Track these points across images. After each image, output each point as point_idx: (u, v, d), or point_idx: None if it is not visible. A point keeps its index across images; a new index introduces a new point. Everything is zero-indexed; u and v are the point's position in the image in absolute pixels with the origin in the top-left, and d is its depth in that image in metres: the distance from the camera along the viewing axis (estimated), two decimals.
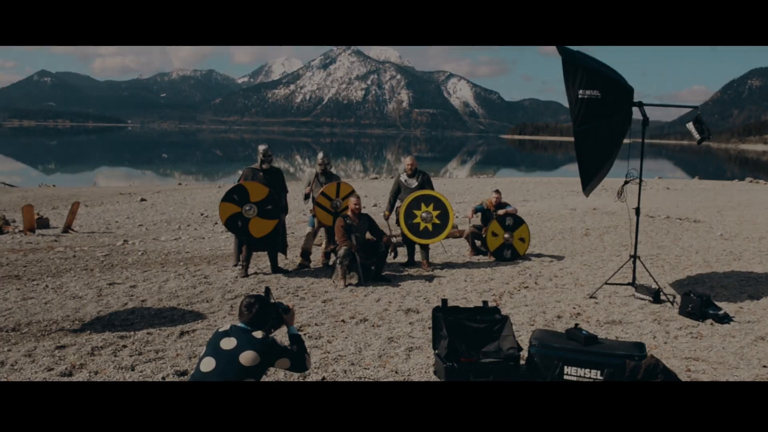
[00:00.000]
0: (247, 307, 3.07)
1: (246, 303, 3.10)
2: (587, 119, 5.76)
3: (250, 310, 3.06)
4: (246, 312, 3.06)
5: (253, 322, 3.04)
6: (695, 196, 20.97)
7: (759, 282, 7.36)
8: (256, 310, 3.06)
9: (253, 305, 3.07)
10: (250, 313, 3.05)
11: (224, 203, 7.21)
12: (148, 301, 6.31)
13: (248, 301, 3.10)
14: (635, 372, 3.73)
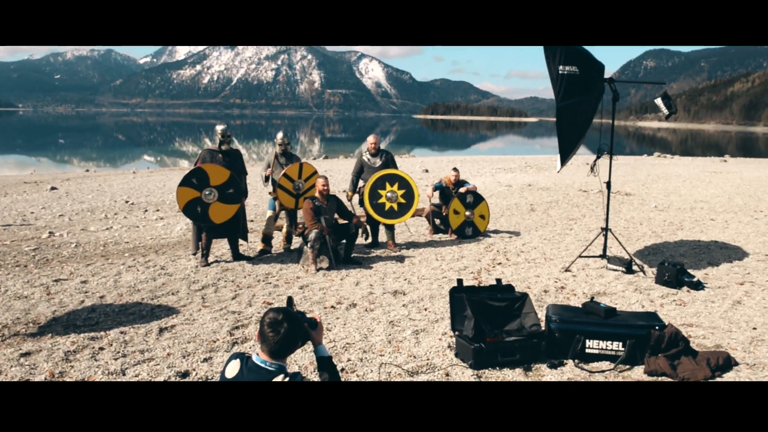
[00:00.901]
0: (273, 326, 2.28)
1: (270, 320, 2.29)
2: (568, 95, 5.80)
3: (277, 331, 2.27)
4: (271, 334, 2.27)
5: (279, 350, 2.29)
6: (616, 171, 21.96)
7: (710, 249, 7.78)
8: (284, 332, 2.27)
9: (280, 324, 2.28)
10: (276, 336, 2.26)
11: (182, 188, 6.69)
12: (107, 297, 5.76)
13: (273, 317, 2.30)
14: (660, 341, 3.78)
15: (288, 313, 2.33)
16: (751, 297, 5.59)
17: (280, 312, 2.32)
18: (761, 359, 4.10)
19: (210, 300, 5.66)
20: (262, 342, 2.31)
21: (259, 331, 2.33)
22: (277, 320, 2.29)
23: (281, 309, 2.35)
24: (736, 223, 9.84)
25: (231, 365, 2.36)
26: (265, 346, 2.30)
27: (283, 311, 2.33)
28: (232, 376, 2.31)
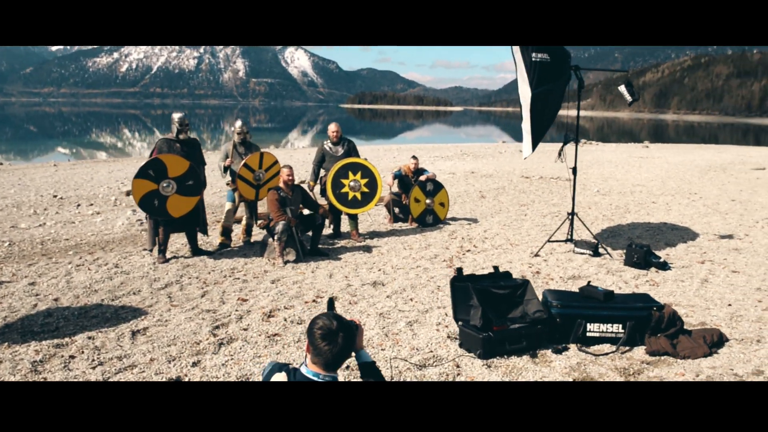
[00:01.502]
0: (327, 337, 2.03)
1: (324, 332, 2.04)
2: (541, 81, 5.85)
3: (333, 342, 2.03)
4: (327, 347, 2.03)
5: (334, 362, 2.07)
6: (546, 158, 22.69)
7: (663, 231, 8.11)
8: (342, 342, 2.05)
9: (335, 334, 2.04)
10: (333, 347, 2.03)
11: (138, 180, 6.24)
12: (62, 299, 5.29)
13: (325, 326, 2.05)
14: (660, 321, 3.85)
15: (340, 320, 2.10)
16: (715, 275, 5.85)
17: (332, 320, 2.08)
18: (747, 334, 4.27)
19: (177, 299, 5.32)
20: (315, 355, 2.07)
21: (309, 342, 2.09)
22: (332, 330, 2.05)
23: (332, 316, 2.11)
24: (676, 206, 10.32)
25: (276, 379, 2.14)
26: (318, 359, 2.07)
27: (335, 319, 2.09)
28: None
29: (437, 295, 5.26)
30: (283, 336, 4.28)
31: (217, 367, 3.73)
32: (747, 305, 4.92)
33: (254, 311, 4.87)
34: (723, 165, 17.88)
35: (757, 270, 6.03)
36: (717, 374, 3.62)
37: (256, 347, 4.06)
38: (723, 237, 7.63)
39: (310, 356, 2.11)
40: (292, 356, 3.90)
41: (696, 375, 3.61)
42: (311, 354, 2.10)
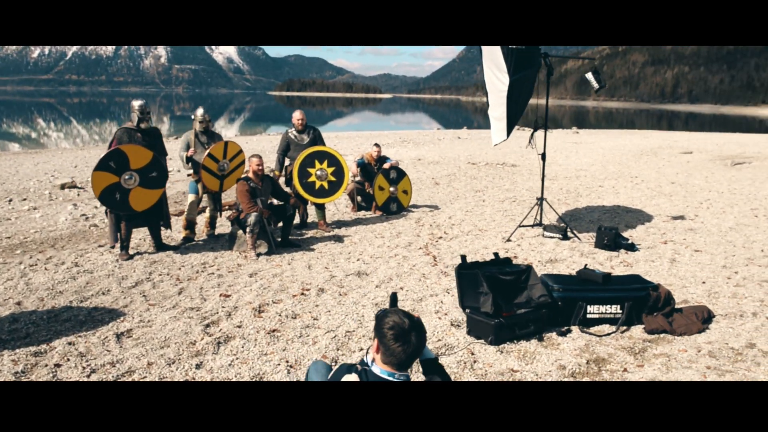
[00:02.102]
0: (400, 337, 1.93)
1: (397, 331, 1.94)
2: (518, 68, 5.90)
3: (407, 342, 1.94)
4: (400, 347, 1.94)
5: (407, 362, 1.98)
6: (485, 145, 23.19)
7: (618, 213, 8.44)
8: (416, 341, 1.97)
9: (408, 333, 1.95)
10: (407, 347, 1.94)
11: (98, 173, 5.86)
12: (24, 303, 4.90)
13: (397, 325, 1.95)
14: (657, 301, 3.99)
15: (412, 318, 2.01)
16: (681, 255, 6.14)
17: (403, 318, 1.98)
18: (728, 309, 4.52)
19: (153, 297, 5.04)
20: (387, 355, 1.99)
21: (380, 343, 2.00)
22: (404, 329, 1.96)
23: (403, 314, 2.01)
24: (623, 189, 10.78)
25: (348, 380, 2.04)
26: (391, 359, 1.98)
27: (407, 317, 2.00)
28: None
29: (425, 283, 5.24)
30: (282, 331, 4.14)
31: (225, 368, 3.55)
32: (719, 282, 5.20)
33: (241, 307, 4.69)
34: (653, 149, 18.83)
35: (717, 249, 6.39)
36: (716, 348, 3.81)
37: (258, 344, 3.90)
38: (675, 218, 8.03)
39: (380, 356, 2.02)
40: (299, 352, 3.78)
41: (697, 351, 3.78)
42: (382, 354, 2.01)
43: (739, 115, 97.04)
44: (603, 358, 3.68)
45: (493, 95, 6.58)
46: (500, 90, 6.28)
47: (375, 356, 2.05)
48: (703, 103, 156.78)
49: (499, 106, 6.40)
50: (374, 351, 2.05)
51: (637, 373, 3.48)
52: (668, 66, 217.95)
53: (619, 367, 3.56)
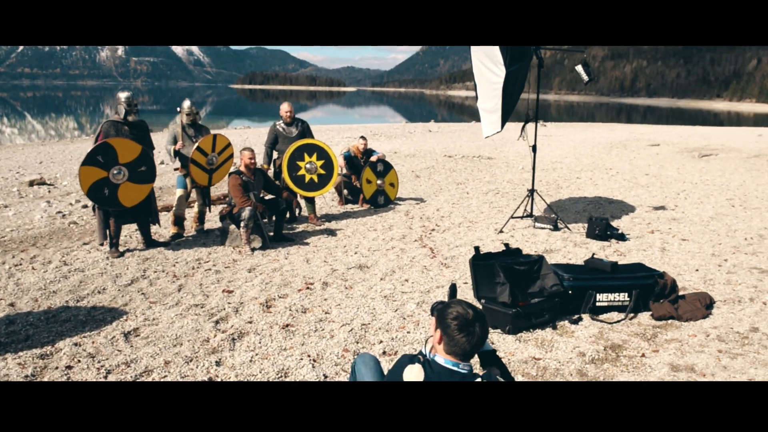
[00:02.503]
0: (464, 328, 1.95)
1: (461, 322, 1.96)
2: (513, 61, 5.96)
3: (471, 334, 1.96)
4: (464, 338, 1.96)
5: (471, 352, 2.00)
6: (457, 137, 23.36)
7: (601, 204, 8.63)
8: (479, 332, 1.98)
9: (472, 324, 1.96)
10: (471, 338, 1.96)
11: (86, 167, 5.67)
12: (18, 304, 4.73)
13: (460, 315, 1.97)
14: (664, 288, 4.10)
15: (475, 309, 2.02)
16: (669, 244, 6.32)
17: (467, 309, 2.00)
18: (726, 295, 4.68)
19: (152, 295, 4.93)
20: (451, 345, 1.99)
21: (443, 333, 2.00)
22: (468, 320, 1.97)
23: (466, 305, 2.03)
24: (600, 180, 11.01)
25: (412, 371, 2.04)
26: (455, 349, 1.99)
27: (470, 308, 2.01)
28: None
29: (429, 275, 5.27)
30: (296, 326, 4.10)
31: (246, 364, 3.50)
32: (712, 270, 5.37)
33: (247, 303, 4.63)
34: (622, 142, 19.27)
35: (703, 237, 6.59)
36: (723, 333, 3.95)
37: (275, 340, 3.86)
38: (657, 208, 8.25)
39: (443, 347, 2.03)
40: (318, 346, 3.75)
41: (706, 336, 3.91)
42: (445, 345, 2.02)
43: (695, 108, 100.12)
44: (618, 345, 3.77)
45: (484, 87, 6.63)
46: (493, 82, 6.33)
47: (437, 347, 2.05)
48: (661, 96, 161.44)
49: (492, 98, 6.46)
50: (436, 342, 2.05)
51: (654, 357, 3.58)
52: (627, 60, 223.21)
53: (636, 353, 3.65)
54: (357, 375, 2.53)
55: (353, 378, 2.56)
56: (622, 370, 3.43)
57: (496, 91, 6.23)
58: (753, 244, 6.28)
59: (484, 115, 6.78)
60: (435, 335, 2.06)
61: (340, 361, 3.52)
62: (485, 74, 6.55)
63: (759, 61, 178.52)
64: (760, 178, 11.34)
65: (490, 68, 6.30)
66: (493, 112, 6.44)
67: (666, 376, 3.33)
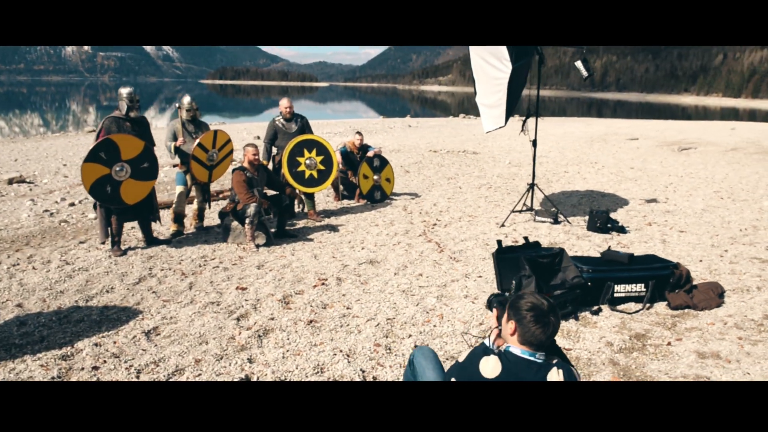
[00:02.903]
0: (540, 319, 1.99)
1: (536, 313, 1.99)
2: (519, 57, 6.02)
3: (547, 324, 1.99)
4: (539, 329, 1.99)
5: (546, 343, 2.03)
6: (438, 132, 23.46)
7: (594, 197, 8.77)
8: (554, 322, 2.02)
9: (547, 315, 1.99)
10: (547, 329, 1.99)
11: (88, 164, 5.56)
12: (26, 304, 4.62)
13: (535, 306, 2.01)
14: (680, 279, 4.20)
15: (549, 300, 2.06)
16: (668, 235, 6.47)
17: (541, 300, 2.04)
18: (735, 284, 4.81)
19: (164, 293, 4.87)
20: (527, 336, 2.02)
21: (518, 325, 2.03)
22: (544, 311, 2.01)
23: (539, 296, 2.07)
24: (588, 174, 11.18)
25: (488, 363, 2.05)
26: (531, 339, 2.02)
27: (544, 299, 2.05)
28: (495, 375, 2.02)
29: (441, 269, 5.30)
30: (320, 322, 4.09)
31: (280, 361, 3.48)
32: (715, 260, 5.51)
33: (264, 299, 4.60)
34: (601, 136, 19.58)
35: (699, 229, 6.76)
36: (738, 321, 4.07)
37: (302, 336, 3.85)
38: (649, 201, 8.42)
39: (517, 337, 2.05)
40: (348, 341, 3.75)
41: (723, 324, 4.02)
42: (520, 336, 2.04)
43: (664, 102, 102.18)
44: (642, 334, 3.85)
45: (485, 83, 6.68)
46: (496, 78, 6.38)
47: (509, 338, 2.07)
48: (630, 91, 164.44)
49: (494, 93, 6.51)
50: (508, 333, 2.07)
51: (679, 346, 3.67)
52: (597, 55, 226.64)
53: (661, 341, 3.74)
54: (417, 368, 2.54)
55: (412, 370, 2.57)
56: (651, 358, 3.51)
57: (500, 86, 6.28)
58: (749, 235, 6.46)
59: (484, 110, 6.83)
60: (506, 327, 2.09)
61: (374, 356, 3.52)
62: (487, 70, 6.60)
63: (725, 56, 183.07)
64: (741, 170, 11.66)
65: (493, 64, 6.34)
66: (496, 107, 6.49)
67: (694, 363, 3.42)
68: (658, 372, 3.33)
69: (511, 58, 5.96)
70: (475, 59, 6.82)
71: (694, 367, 3.38)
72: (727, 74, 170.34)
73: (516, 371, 2.01)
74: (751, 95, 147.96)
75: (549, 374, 2.00)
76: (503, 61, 6.10)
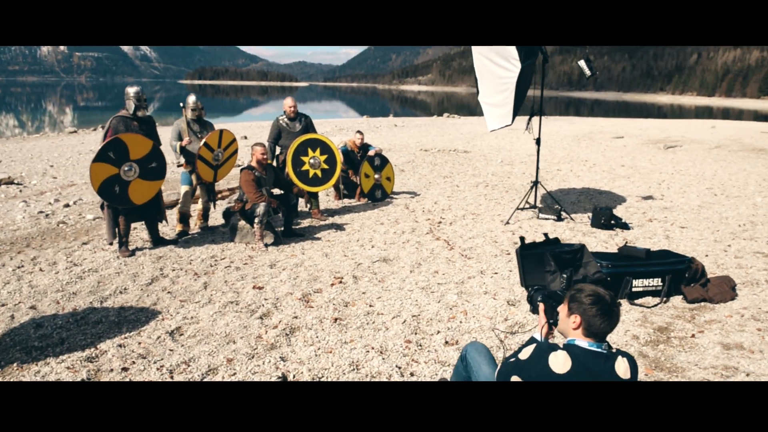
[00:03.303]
0: (605, 312, 2.05)
1: (601, 306, 2.05)
2: (527, 56, 6.09)
3: (611, 317, 2.06)
4: (603, 322, 2.06)
5: (607, 334, 2.10)
6: (425, 131, 23.53)
7: (591, 195, 8.89)
8: (618, 313, 2.09)
9: (611, 306, 2.06)
10: (612, 321, 2.07)
11: (97, 164, 5.49)
12: (39, 306, 4.56)
13: (600, 298, 2.07)
14: (695, 273, 4.30)
15: (609, 292, 2.11)
16: (671, 231, 6.59)
17: (605, 293, 2.09)
18: (744, 278, 4.93)
19: (179, 294, 4.84)
20: (591, 328, 2.07)
21: (583, 318, 2.08)
22: (608, 303, 2.06)
23: (601, 289, 2.12)
24: (581, 172, 11.33)
25: (557, 358, 2.08)
26: (597, 331, 2.07)
27: (606, 292, 2.10)
28: (566, 371, 2.06)
29: (455, 266, 5.34)
30: (346, 320, 4.10)
31: (314, 359, 3.49)
32: (720, 255, 5.64)
33: (283, 298, 4.59)
34: (587, 134, 19.82)
35: (700, 225, 6.90)
36: (755, 313, 4.18)
37: (331, 333, 3.86)
38: (645, 198, 8.57)
39: (581, 331, 2.09)
40: (378, 339, 3.77)
41: (741, 316, 4.13)
42: (584, 329, 2.09)
43: (640, 101, 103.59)
44: (665, 327, 3.94)
45: (490, 82, 6.75)
46: (501, 77, 6.44)
47: (572, 332, 2.11)
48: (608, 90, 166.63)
49: (499, 92, 6.57)
50: (571, 328, 2.11)
51: (702, 338, 3.76)
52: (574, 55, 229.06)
53: (685, 334, 3.83)
54: (471, 363, 2.57)
55: (465, 366, 2.60)
56: (678, 350, 3.59)
57: (506, 85, 6.34)
58: (748, 230, 6.62)
59: (489, 109, 6.89)
60: (567, 321, 2.13)
61: (407, 352, 3.55)
62: (491, 69, 6.66)
63: (699, 56, 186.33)
64: (728, 167, 11.90)
65: (499, 63, 6.41)
66: (502, 105, 6.56)
67: (720, 354, 3.51)
68: (687, 363, 3.42)
69: (520, 57, 6.03)
70: (478, 58, 6.88)
71: (720, 358, 3.47)
72: (702, 73, 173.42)
73: (586, 364, 2.04)
74: (724, 94, 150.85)
75: (616, 364, 2.05)
76: (511, 61, 6.16)
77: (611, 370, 2.05)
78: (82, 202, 8.81)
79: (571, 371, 2.05)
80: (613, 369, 2.05)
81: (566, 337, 2.16)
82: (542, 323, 2.46)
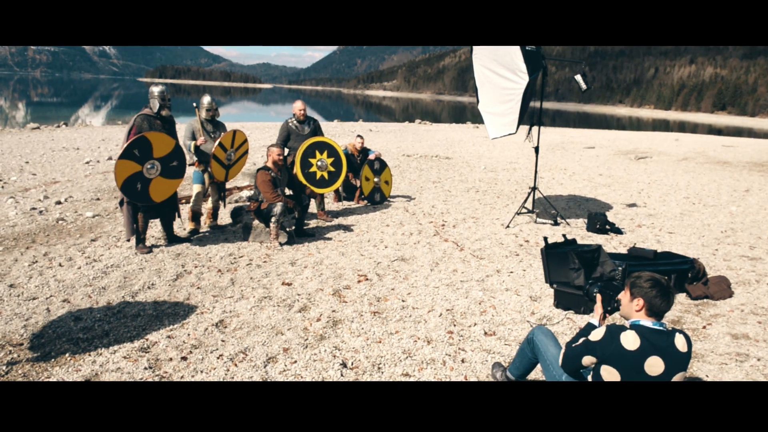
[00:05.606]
0: (665, 295, 2.40)
1: (661, 288, 2.40)
2: (534, 69, 6.44)
3: (670, 296, 2.42)
4: (663, 302, 2.40)
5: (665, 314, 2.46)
6: (402, 137, 23.83)
7: (579, 201, 9.34)
8: (674, 295, 2.47)
9: (669, 288, 2.43)
10: (671, 301, 2.42)
11: (123, 161, 5.60)
12: (72, 300, 4.66)
13: (658, 281, 2.43)
14: (698, 272, 4.70)
15: (664, 278, 2.47)
16: (661, 236, 7.04)
17: (662, 276, 2.46)
18: (735, 278, 5.37)
19: (209, 289, 4.99)
20: (653, 309, 2.43)
21: (645, 301, 2.43)
22: (665, 285, 2.43)
23: (655, 274, 2.47)
24: (564, 180, 11.81)
25: (627, 337, 2.39)
26: (657, 311, 2.43)
27: (661, 277, 2.46)
28: (636, 347, 2.38)
29: (471, 265, 5.63)
30: (384, 313, 4.34)
31: (366, 348, 3.72)
32: (710, 258, 6.10)
33: (315, 294, 4.80)
34: (559, 144, 20.50)
35: (686, 231, 7.39)
36: (753, 308, 4.60)
37: (374, 326, 4.09)
38: (629, 205, 9.06)
39: (644, 312, 2.43)
40: (421, 330, 4.02)
41: (741, 311, 4.54)
42: (647, 310, 2.42)
43: (600, 113, 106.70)
44: (676, 320, 4.32)
45: (491, 92, 7.10)
46: (507, 88, 6.80)
47: (635, 314, 2.44)
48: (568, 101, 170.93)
49: (503, 102, 6.92)
50: (634, 310, 2.44)
51: (712, 329, 4.15)
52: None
53: (696, 326, 4.22)
54: (539, 344, 2.86)
55: (532, 347, 2.90)
56: (694, 340, 3.96)
57: (511, 95, 6.70)
58: (730, 236, 7.13)
59: (490, 118, 7.24)
60: (630, 305, 2.46)
61: (453, 342, 3.82)
62: (493, 80, 7.01)
63: (656, 69, 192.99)
64: (698, 178, 12.59)
65: (503, 75, 6.76)
66: (506, 115, 6.90)
67: (731, 343, 3.90)
68: (704, 350, 3.79)
69: (528, 70, 6.39)
70: (479, 69, 7.23)
71: (732, 346, 3.86)
72: (659, 87, 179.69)
73: (651, 340, 2.37)
74: (680, 108, 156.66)
75: (675, 339, 2.40)
76: (518, 73, 6.52)
77: (672, 345, 2.39)
78: (74, 199, 8.79)
79: (640, 347, 2.36)
80: (674, 344, 2.39)
81: (629, 319, 2.48)
82: (599, 312, 2.79)
